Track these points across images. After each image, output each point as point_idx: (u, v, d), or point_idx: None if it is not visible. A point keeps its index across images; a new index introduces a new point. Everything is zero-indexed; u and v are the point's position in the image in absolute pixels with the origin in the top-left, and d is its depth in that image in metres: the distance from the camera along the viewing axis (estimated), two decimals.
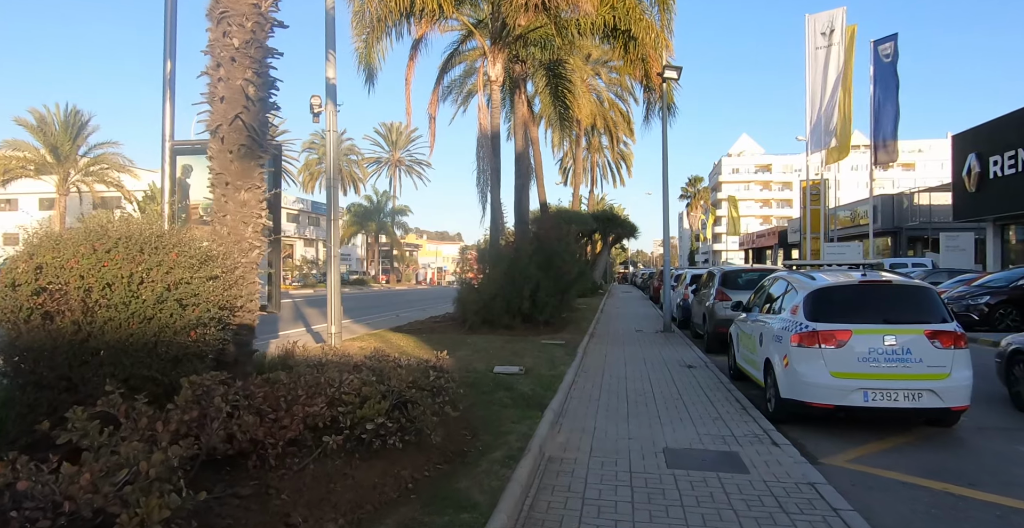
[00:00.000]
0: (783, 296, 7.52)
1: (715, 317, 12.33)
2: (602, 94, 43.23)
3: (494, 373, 8.06)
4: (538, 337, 12.10)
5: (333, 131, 9.84)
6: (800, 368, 6.45)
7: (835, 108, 26.82)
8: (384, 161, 77.59)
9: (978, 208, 27.68)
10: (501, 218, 14.54)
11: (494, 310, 12.27)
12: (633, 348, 12.37)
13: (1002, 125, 25.78)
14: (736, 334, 9.41)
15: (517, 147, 15.84)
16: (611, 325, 17.41)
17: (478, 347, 10.19)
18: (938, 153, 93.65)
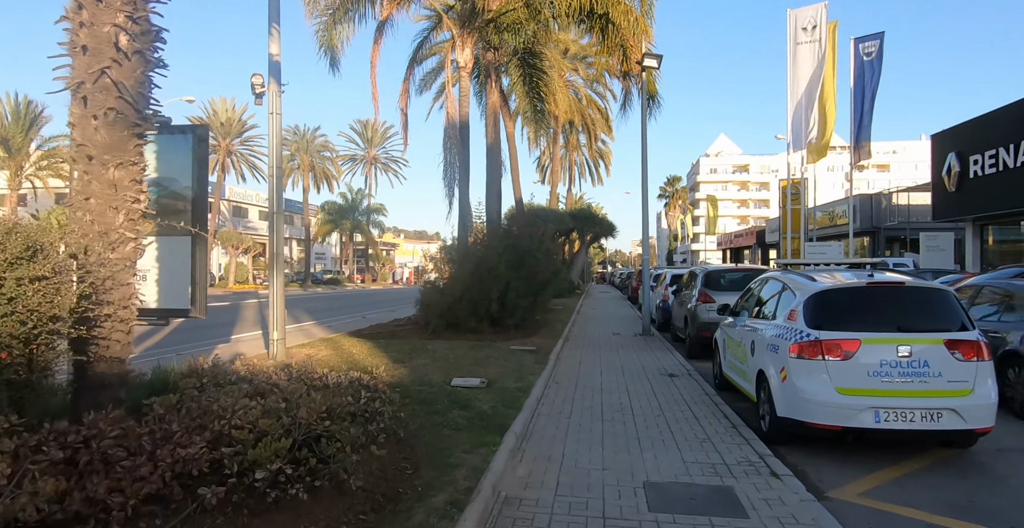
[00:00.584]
0: (777, 299, 6.66)
1: (698, 320, 11.49)
2: (580, 90, 42.49)
3: (451, 386, 7.08)
4: (507, 342, 11.16)
5: (276, 114, 8.79)
6: (800, 383, 5.58)
7: (816, 105, 26.29)
8: (359, 158, 76.18)
9: (958, 208, 27.29)
10: (470, 214, 13.56)
11: (459, 313, 11.30)
12: (610, 354, 11.47)
13: (982, 124, 25.40)
14: (722, 340, 8.55)
15: (488, 139, 14.88)
16: (587, 328, 16.52)
17: (438, 354, 9.21)
18: (912, 154, 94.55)
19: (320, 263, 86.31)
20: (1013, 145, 22.58)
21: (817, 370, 5.50)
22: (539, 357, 9.81)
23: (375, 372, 4.94)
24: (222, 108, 47.08)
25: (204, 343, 12.67)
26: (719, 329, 9.04)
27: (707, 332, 11.36)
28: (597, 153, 53.70)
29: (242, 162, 51.12)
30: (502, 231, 12.75)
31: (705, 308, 11.44)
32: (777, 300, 6.64)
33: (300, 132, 64.48)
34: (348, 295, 42.32)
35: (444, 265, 12.57)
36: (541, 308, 14.57)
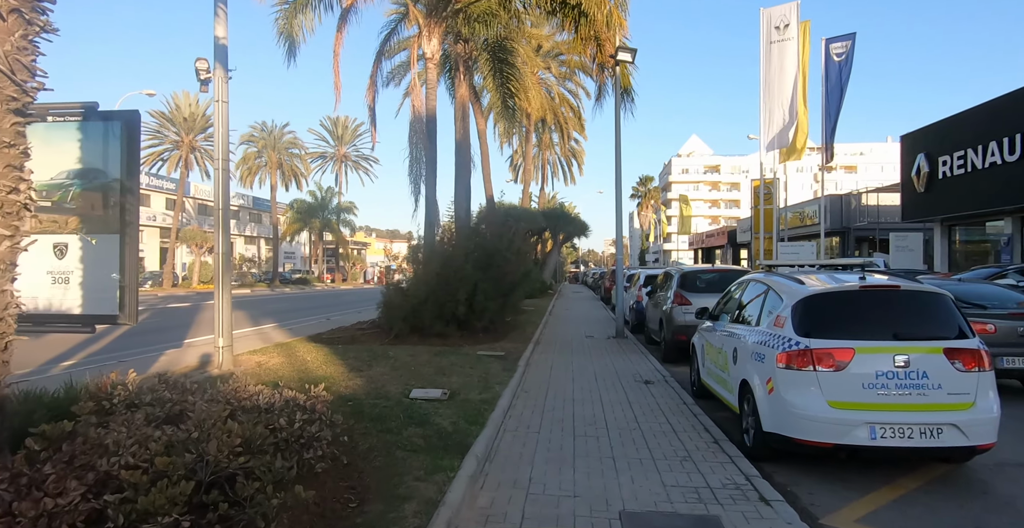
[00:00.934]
0: (762, 303, 6.19)
1: (673, 323, 11.04)
2: (553, 89, 42.09)
3: (410, 399, 6.48)
4: (475, 347, 10.58)
5: (223, 102, 8.11)
6: (789, 396, 5.10)
7: (788, 105, 26.20)
8: (329, 156, 74.94)
9: (927, 208, 27.44)
10: (437, 212, 12.96)
11: (424, 316, 10.69)
12: (583, 358, 10.97)
13: (951, 126, 25.53)
14: (701, 346, 8.08)
15: (457, 134, 14.28)
16: (559, 330, 16.02)
17: (399, 362, 8.59)
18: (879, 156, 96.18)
19: (289, 262, 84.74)
20: (981, 146, 22.67)
21: (807, 382, 5.03)
22: (508, 363, 9.25)
23: (314, 390, 4.31)
24: (185, 102, 45.56)
25: (152, 349, 11.90)
26: (697, 333, 8.59)
27: (683, 335, 10.94)
28: (570, 152, 53.42)
29: (206, 159, 49.51)
30: (470, 230, 12.17)
31: (681, 310, 11.01)
32: (761, 304, 6.17)
33: (268, 128, 63.06)
34: (316, 295, 41.34)
35: (409, 265, 11.94)
36: (512, 310, 14.03)
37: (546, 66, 40.32)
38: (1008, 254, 23.55)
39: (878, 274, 5.94)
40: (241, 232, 73.22)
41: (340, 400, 6.26)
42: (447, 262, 11.07)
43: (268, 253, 72.08)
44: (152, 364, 9.55)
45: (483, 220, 15.18)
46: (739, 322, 6.71)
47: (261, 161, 62.95)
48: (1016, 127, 20.65)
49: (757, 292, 6.53)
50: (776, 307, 5.73)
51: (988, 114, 22.58)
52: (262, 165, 63.28)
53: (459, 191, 14.10)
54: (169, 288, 44.83)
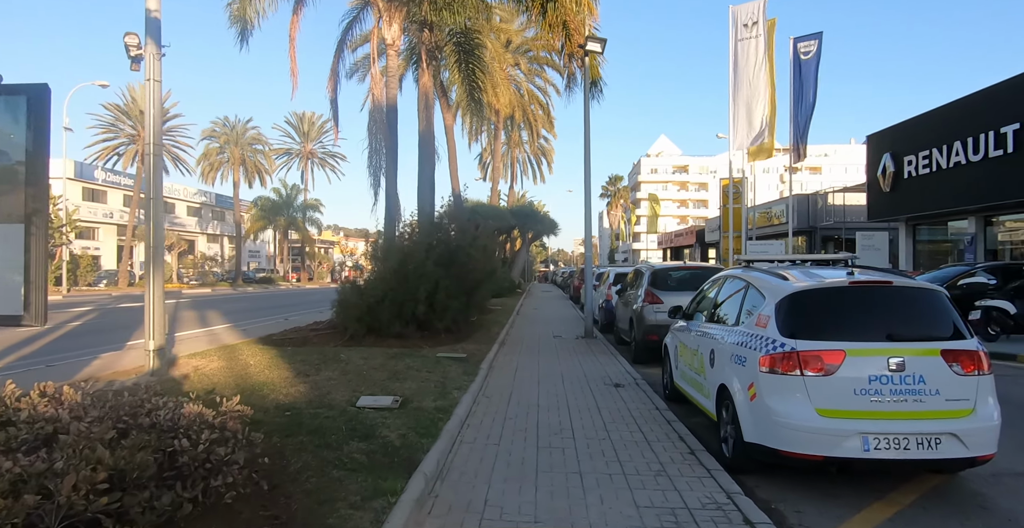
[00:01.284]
0: (741, 301, 5.71)
1: (644, 323, 10.58)
2: (522, 85, 41.64)
3: (357, 408, 5.84)
4: (435, 348, 9.97)
5: (155, 80, 7.36)
6: (773, 403, 4.62)
7: (757, 104, 26.10)
8: (295, 153, 73.42)
9: (892, 208, 27.61)
10: (398, 206, 12.30)
11: (381, 316, 10.02)
12: (550, 360, 10.43)
13: (916, 125, 25.70)
14: (674, 347, 7.60)
15: (420, 125, 13.64)
16: (526, 330, 15.48)
17: (350, 365, 7.93)
18: (843, 157, 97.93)
19: (254, 261, 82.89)
20: (946, 146, 22.77)
21: (793, 387, 4.55)
22: (469, 366, 8.66)
23: (226, 405, 3.67)
24: (142, 95, 43.88)
25: (88, 351, 11.05)
26: (669, 334, 8.11)
27: (654, 336, 10.48)
28: (539, 150, 53.06)
29: (166, 154, 47.93)
30: (433, 225, 11.53)
31: (652, 309, 10.54)
32: (740, 302, 5.68)
33: (230, 124, 61.43)
34: (279, 295, 40.22)
35: (367, 261, 11.27)
36: (477, 309, 13.45)
37: (515, 62, 39.85)
38: (972, 253, 23.72)
39: (869, 270, 5.49)
40: (204, 230, 71.32)
41: (277, 410, 5.61)
42: (406, 259, 10.43)
43: (232, 252, 70.28)
44: (82, 369, 8.75)
45: (449, 217, 14.58)
46: (716, 322, 6.23)
47: (223, 157, 61.29)
48: (980, 127, 20.74)
49: (735, 289, 6.05)
50: (757, 305, 5.25)
51: (953, 114, 22.70)
52: (224, 161, 61.62)
53: (423, 184, 13.46)
54: (125, 287, 43.23)
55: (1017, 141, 19.66)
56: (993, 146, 20.35)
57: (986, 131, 20.66)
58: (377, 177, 12.13)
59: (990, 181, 20.47)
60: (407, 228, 11.69)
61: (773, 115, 26.09)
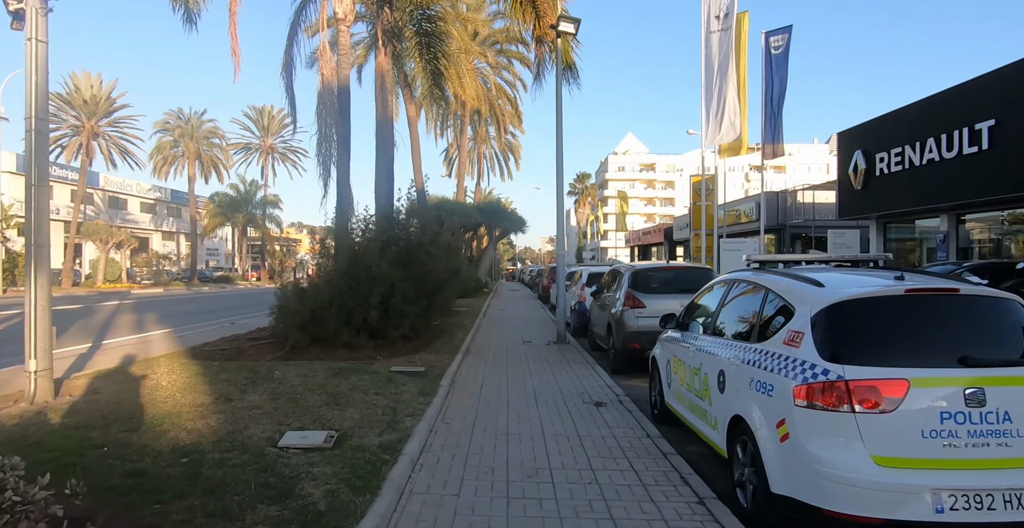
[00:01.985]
0: (759, 312, 4.64)
1: (624, 329, 9.52)
2: (489, 79, 40.45)
3: (278, 449, 4.61)
4: (390, 360, 8.75)
5: (40, 41, 6.01)
6: (814, 447, 3.55)
7: (728, 99, 25.39)
8: (254, 147, 70.97)
9: (863, 205, 27.15)
10: (350, 199, 11.02)
11: (327, 323, 8.74)
12: (520, 371, 9.29)
13: (889, 122, 25.23)
14: (666, 361, 6.53)
15: (378, 110, 12.37)
16: (494, 334, 14.32)
17: (284, 386, 6.66)
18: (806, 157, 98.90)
19: (213, 259, 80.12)
20: (919, 143, 22.28)
21: (841, 428, 3.49)
22: (428, 382, 7.46)
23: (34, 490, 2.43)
24: (86, 84, 41.49)
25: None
26: (659, 345, 7.04)
27: (635, 343, 9.46)
28: (507, 146, 51.98)
29: (111, 146, 45.48)
30: (389, 220, 10.28)
31: (633, 314, 9.50)
32: (758, 313, 4.61)
33: (185, 116, 58.87)
34: (234, 295, 38.33)
35: (312, 261, 9.98)
36: (439, 312, 12.25)
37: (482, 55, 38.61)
38: (944, 252, 23.32)
39: (911, 274, 4.46)
40: (158, 227, 68.44)
41: (173, 454, 4.36)
42: (358, 258, 9.18)
43: (188, 249, 67.61)
44: None
45: (409, 212, 13.34)
46: (722, 335, 5.16)
47: (178, 151, 58.76)
48: (955, 124, 20.25)
49: (749, 296, 4.98)
50: (784, 318, 4.18)
51: (926, 111, 22.22)
52: (179, 155, 59.10)
53: (380, 175, 12.20)
54: (69, 287, 40.76)
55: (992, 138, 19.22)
56: (968, 143, 19.89)
57: (960, 128, 20.15)
58: (327, 167, 10.83)
59: (964, 178, 20.01)
60: (360, 224, 10.43)
61: (744, 110, 25.43)
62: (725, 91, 25.32)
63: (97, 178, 53.75)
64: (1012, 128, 15.12)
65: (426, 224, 12.04)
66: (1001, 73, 15.26)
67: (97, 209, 55.82)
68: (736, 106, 25.15)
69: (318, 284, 9.28)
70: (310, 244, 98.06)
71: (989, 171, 19.69)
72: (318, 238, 10.36)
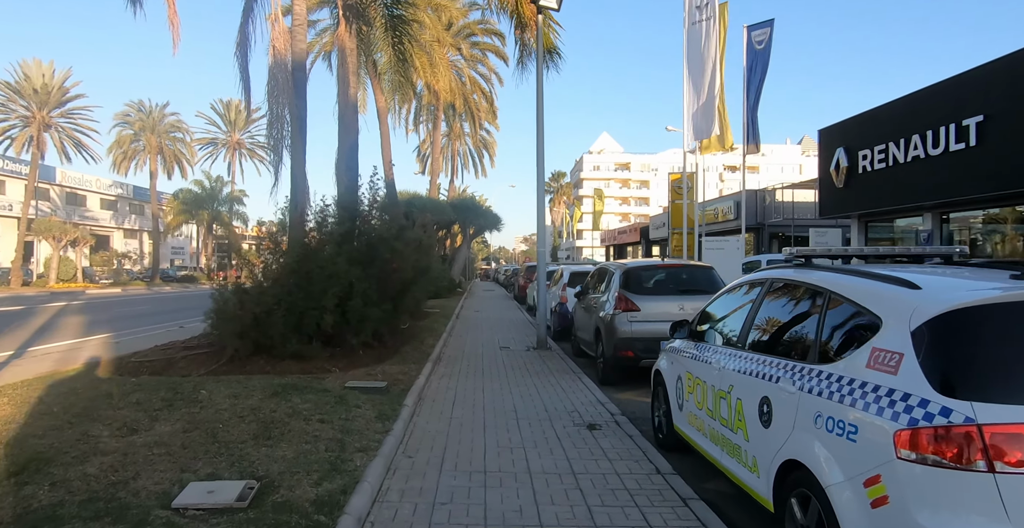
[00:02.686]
0: (819, 322, 3.51)
1: (616, 335, 8.40)
2: (464, 72, 39.22)
3: (171, 510, 3.37)
4: (347, 372, 7.51)
5: None
6: (927, 520, 2.45)
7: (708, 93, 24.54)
8: (221, 143, 68.78)
9: (845, 204, 26.47)
10: (305, 188, 9.72)
11: (272, 329, 7.42)
12: (498, 385, 8.12)
13: (872, 119, 24.56)
14: (676, 377, 5.41)
15: (339, 93, 11.09)
16: (468, 338, 13.13)
17: (206, 412, 5.34)
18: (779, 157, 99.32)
19: (178, 258, 77.43)
20: (903, 139, 21.64)
21: (972, 494, 2.39)
22: (389, 402, 6.24)
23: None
24: (37, 72, 39.25)
25: None
26: (664, 357, 5.93)
27: (628, 351, 8.36)
28: (481, 142, 50.80)
29: (65, 138, 43.23)
30: (347, 212, 9.00)
31: (626, 318, 8.38)
32: (819, 323, 3.50)
33: (146, 109, 56.48)
34: (195, 295, 36.43)
35: (256, 258, 8.69)
36: (407, 314, 11.03)
37: (457, 47, 37.34)
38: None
39: None
40: (120, 224, 65.77)
41: (16, 524, 3.10)
42: (310, 253, 7.92)
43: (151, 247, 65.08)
44: None
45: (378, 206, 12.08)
46: (763, 351, 4.03)
47: (139, 145, 56.39)
48: (941, 120, 19.60)
49: (797, 301, 3.88)
50: (864, 332, 3.07)
51: (911, 107, 21.57)
52: (140, 150, 56.72)
53: (341, 164, 10.93)
54: (18, 287, 38.51)
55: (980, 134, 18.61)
56: (954, 139, 19.25)
57: (947, 124, 19.50)
58: (279, 151, 9.51)
59: (949, 176, 19.39)
60: (317, 216, 9.13)
61: (723, 105, 24.62)
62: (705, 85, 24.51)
63: (53, 173, 51.21)
64: (1001, 124, 14.36)
65: (394, 218, 10.80)
66: (990, 68, 14.50)
67: (54, 205, 53.22)
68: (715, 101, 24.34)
69: (262, 284, 7.98)
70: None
71: (976, 168, 19.03)
72: (264, 231, 9.00)
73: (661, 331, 8.41)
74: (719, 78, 24.04)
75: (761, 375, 3.80)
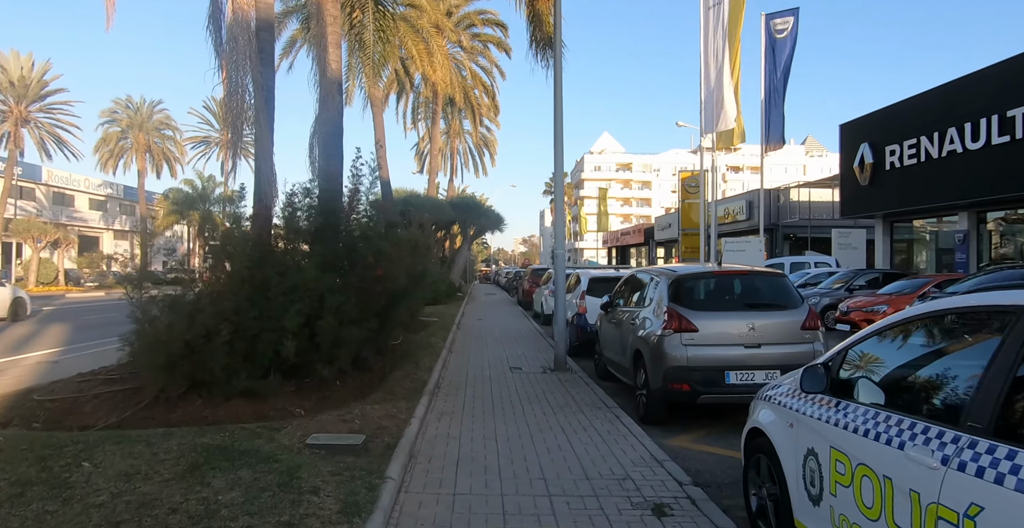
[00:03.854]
0: None
1: (666, 362, 6.47)
2: (463, 64, 37.33)
3: None
4: (314, 416, 5.58)
5: None
6: None
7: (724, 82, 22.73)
8: (214, 141, 66.64)
9: (870, 203, 24.64)
10: (272, 178, 7.75)
11: (213, 359, 5.34)
12: (514, 431, 6.17)
13: (901, 111, 22.68)
14: (807, 452, 3.45)
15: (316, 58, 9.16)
16: (472, 356, 11.21)
17: (66, 508, 3.28)
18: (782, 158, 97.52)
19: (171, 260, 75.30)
20: (937, 133, 19.77)
21: None
22: (363, 476, 4.26)
23: None
24: (14, 64, 37.27)
25: None
26: (768, 410, 3.99)
27: (683, 384, 6.45)
28: (482, 140, 48.96)
29: (44, 134, 41.22)
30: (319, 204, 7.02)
31: (679, 341, 6.46)
32: None
33: (135, 105, 54.47)
34: None
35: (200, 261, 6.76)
36: (399, 327, 9.11)
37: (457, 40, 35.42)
38: (964, 253, 20.92)
39: None
40: (109, 225, 63.67)
41: None
42: (268, 257, 5.99)
43: None
44: None
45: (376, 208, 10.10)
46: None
47: (126, 143, 54.38)
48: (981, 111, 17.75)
49: None
50: None
51: (946, 98, 19.72)
52: (128, 148, 54.70)
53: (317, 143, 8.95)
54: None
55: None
56: (997, 132, 17.41)
57: (988, 115, 17.69)
58: (238, 128, 7.55)
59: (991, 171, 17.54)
60: (285, 209, 7.17)
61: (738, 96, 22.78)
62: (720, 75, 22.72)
63: (39, 172, 49.18)
64: None
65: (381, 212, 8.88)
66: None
67: (40, 205, 51.17)
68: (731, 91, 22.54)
69: (198, 298, 6.02)
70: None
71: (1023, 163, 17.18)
72: (198, 222, 6.92)
73: (727, 359, 6.53)
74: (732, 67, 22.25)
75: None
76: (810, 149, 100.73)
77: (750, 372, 6.36)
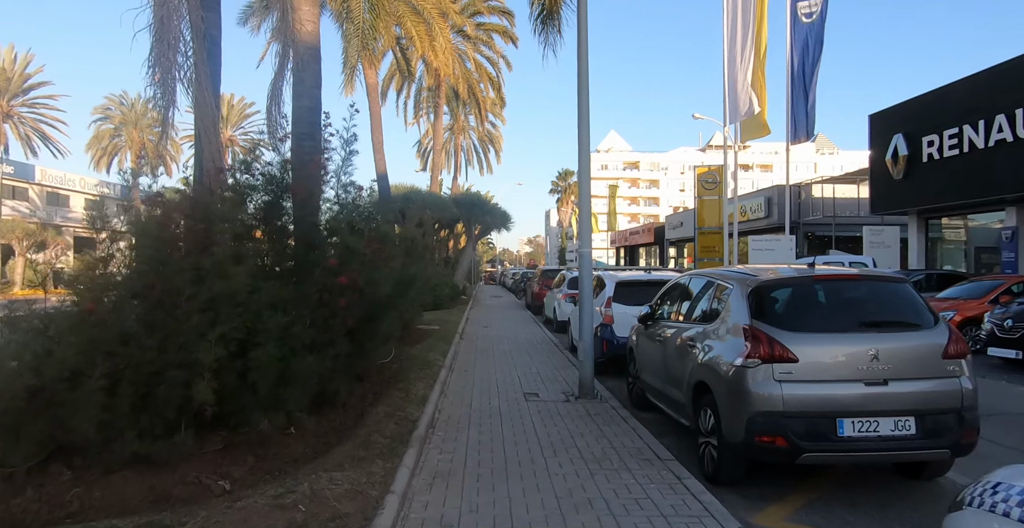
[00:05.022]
0: None
1: (752, 405, 4.52)
2: (467, 55, 35.48)
3: None
4: (242, 495, 3.71)
5: None
6: None
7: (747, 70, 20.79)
8: None
9: (904, 198, 22.62)
10: (217, 145, 5.82)
11: (80, 411, 3.52)
12: (539, 512, 4.25)
13: (940, 99, 20.68)
14: None
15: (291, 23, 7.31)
16: (476, 378, 9.29)
17: None
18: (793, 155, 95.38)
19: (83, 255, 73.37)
20: (983, 121, 17.82)
21: None
22: None
23: None
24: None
25: None
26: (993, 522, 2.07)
27: (777, 436, 4.48)
28: (486, 136, 47.11)
29: (29, 130, 39.51)
30: (259, 182, 5.12)
31: (771, 375, 4.52)
32: None
33: (128, 102, 52.69)
34: None
35: (78, 262, 4.85)
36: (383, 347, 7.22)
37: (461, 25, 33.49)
38: (1012, 251, 18.95)
39: None
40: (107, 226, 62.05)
41: None
42: (167, 258, 4.07)
43: None
44: None
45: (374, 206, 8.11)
46: None
47: (120, 141, 52.64)
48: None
49: None
50: None
51: (992, 83, 17.78)
52: (121, 146, 52.96)
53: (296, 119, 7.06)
54: None
55: None
56: None
57: None
58: (168, 87, 5.67)
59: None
60: (222, 189, 5.22)
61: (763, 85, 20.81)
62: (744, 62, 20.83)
63: (32, 171, 47.47)
64: None
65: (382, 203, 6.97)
66: None
67: (33, 206, 49.46)
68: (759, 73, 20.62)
69: (63, 318, 4.07)
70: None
71: None
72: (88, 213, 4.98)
73: (841, 401, 4.58)
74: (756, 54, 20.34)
75: None
76: (821, 147, 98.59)
77: (873, 420, 4.43)
